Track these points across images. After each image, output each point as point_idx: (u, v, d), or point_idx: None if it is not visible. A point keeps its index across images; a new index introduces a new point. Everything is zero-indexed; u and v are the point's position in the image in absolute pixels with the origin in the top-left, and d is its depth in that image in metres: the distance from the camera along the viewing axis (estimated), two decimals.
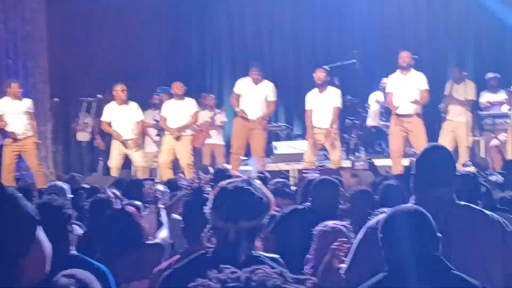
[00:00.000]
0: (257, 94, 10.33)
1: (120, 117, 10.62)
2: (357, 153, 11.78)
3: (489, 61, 13.19)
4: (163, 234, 4.45)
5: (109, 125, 10.66)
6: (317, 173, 6.46)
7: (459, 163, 9.24)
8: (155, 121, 11.85)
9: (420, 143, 9.51)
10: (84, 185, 7.04)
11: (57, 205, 3.43)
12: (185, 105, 10.69)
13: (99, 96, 11.70)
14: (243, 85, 10.51)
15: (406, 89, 9.84)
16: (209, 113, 11.95)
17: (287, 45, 14.80)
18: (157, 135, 11.90)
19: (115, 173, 10.39)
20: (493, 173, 6.35)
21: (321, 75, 10.39)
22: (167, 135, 10.68)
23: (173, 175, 10.12)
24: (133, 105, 10.75)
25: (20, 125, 10.23)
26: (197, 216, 2.90)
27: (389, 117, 11.52)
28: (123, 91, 10.60)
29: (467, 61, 12.93)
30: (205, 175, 3.28)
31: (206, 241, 2.45)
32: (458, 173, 3.17)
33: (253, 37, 14.99)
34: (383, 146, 11.51)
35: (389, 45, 13.79)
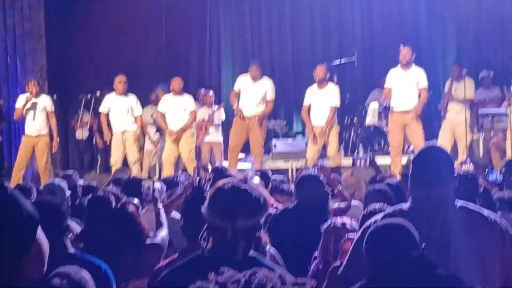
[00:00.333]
0: (255, 91, 10.28)
1: (117, 109, 10.58)
2: (356, 151, 11.79)
3: (487, 59, 13.21)
4: (163, 233, 4.46)
5: (107, 116, 10.62)
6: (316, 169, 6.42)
7: (457, 162, 9.24)
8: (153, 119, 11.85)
9: (417, 139, 9.50)
10: (81, 183, 7.02)
11: (55, 203, 3.43)
12: (183, 101, 10.63)
13: (98, 93, 11.68)
14: (242, 82, 10.46)
15: (405, 86, 9.78)
16: (207, 110, 11.93)
17: (286, 42, 14.78)
18: (156, 132, 11.89)
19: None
20: (492, 172, 6.34)
21: (320, 71, 10.27)
22: (170, 130, 10.61)
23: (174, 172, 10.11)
24: (132, 98, 10.66)
25: (35, 123, 10.37)
26: (196, 214, 2.90)
27: (387, 115, 11.53)
28: (120, 82, 10.53)
29: (467, 59, 12.92)
30: (205, 174, 3.27)
31: (203, 241, 2.44)
32: (455, 173, 3.16)
33: (252, 33, 14.98)
34: (382, 144, 11.51)
35: (389, 43, 13.81)
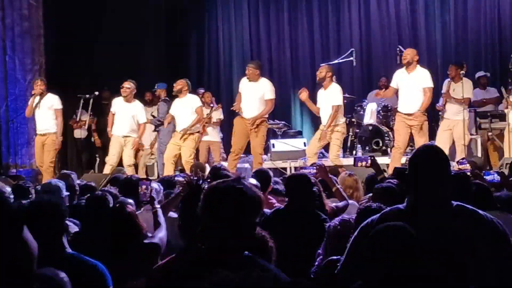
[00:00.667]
0: (253, 92, 10.26)
1: (121, 114, 10.72)
2: (354, 151, 11.79)
3: (485, 59, 13.24)
4: (161, 234, 4.45)
5: (113, 117, 10.80)
6: (314, 170, 6.40)
7: (455, 161, 9.25)
8: (152, 117, 11.86)
9: (420, 140, 9.50)
10: (78, 182, 7.01)
11: (54, 203, 3.42)
12: (189, 101, 10.72)
13: (96, 93, 11.69)
14: (243, 84, 10.47)
15: (409, 88, 9.78)
16: (205, 110, 11.93)
17: (285, 43, 14.79)
18: (154, 131, 11.92)
19: (109, 170, 10.43)
20: (490, 173, 6.34)
21: (320, 72, 10.32)
22: (176, 132, 10.72)
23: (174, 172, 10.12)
24: (137, 105, 10.83)
25: (42, 121, 10.61)
26: (193, 214, 2.89)
27: (386, 115, 11.54)
28: (122, 87, 10.68)
29: (464, 59, 12.93)
30: (203, 173, 3.27)
31: (198, 241, 2.43)
32: (452, 173, 3.16)
33: (251, 34, 14.98)
34: (380, 144, 11.51)
35: (387, 43, 13.83)
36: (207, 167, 9.53)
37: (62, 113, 10.71)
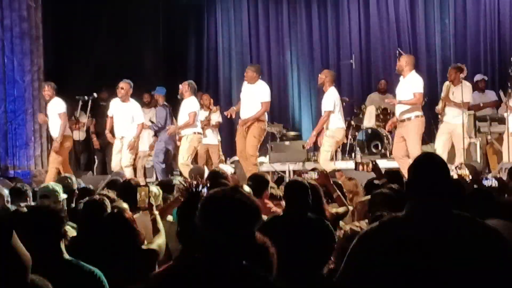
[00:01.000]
0: (250, 94, 10.27)
1: (118, 114, 10.70)
2: (353, 155, 11.77)
3: (484, 62, 13.24)
4: (160, 240, 4.43)
5: (111, 120, 10.81)
6: (315, 175, 6.40)
7: (453, 166, 9.23)
8: (151, 122, 11.80)
9: (410, 148, 9.49)
10: (77, 186, 6.98)
11: (53, 209, 3.40)
12: (184, 104, 10.72)
13: (95, 94, 11.66)
14: (243, 86, 10.51)
15: (401, 93, 9.84)
16: (204, 113, 11.91)
17: (284, 45, 14.77)
18: (154, 136, 11.88)
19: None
20: (488, 178, 6.31)
21: (319, 77, 10.40)
22: None
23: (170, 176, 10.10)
24: (133, 105, 10.76)
25: (51, 126, 10.83)
26: (192, 221, 2.87)
27: (385, 118, 11.53)
28: (117, 88, 10.65)
29: (464, 63, 12.92)
30: (202, 179, 3.25)
31: (196, 250, 2.41)
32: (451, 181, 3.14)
33: (250, 36, 14.97)
34: (379, 147, 11.49)
35: (386, 46, 13.82)
36: (206, 170, 9.51)
37: (64, 116, 10.65)
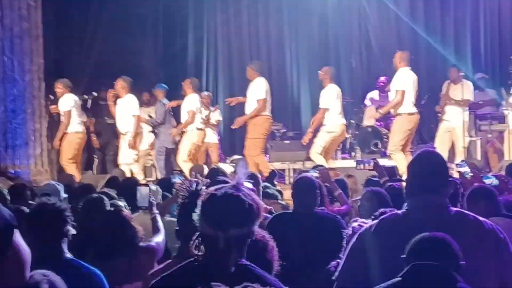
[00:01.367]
0: (249, 93, 10.36)
1: (118, 110, 10.81)
2: (353, 153, 11.78)
3: (485, 61, 13.24)
4: (159, 239, 4.43)
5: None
6: (316, 172, 6.44)
7: (454, 164, 9.23)
8: (149, 117, 11.81)
9: (389, 141, 9.79)
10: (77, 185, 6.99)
11: (57, 208, 3.38)
12: (185, 101, 10.74)
13: (95, 94, 11.66)
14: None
15: (392, 90, 9.94)
16: (204, 112, 11.89)
17: (284, 44, 14.76)
18: (152, 131, 11.88)
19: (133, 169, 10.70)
20: (489, 176, 6.30)
21: (319, 73, 10.47)
22: None
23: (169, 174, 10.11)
24: (127, 98, 10.79)
25: (64, 121, 10.88)
26: (191, 219, 2.86)
27: (385, 117, 11.52)
28: (117, 85, 10.76)
29: (464, 61, 12.93)
30: (202, 178, 3.23)
31: (194, 249, 2.40)
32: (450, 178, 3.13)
33: (250, 35, 14.95)
34: (379, 146, 11.49)
35: (386, 45, 13.80)
36: (206, 169, 9.51)
37: (67, 115, 10.78)
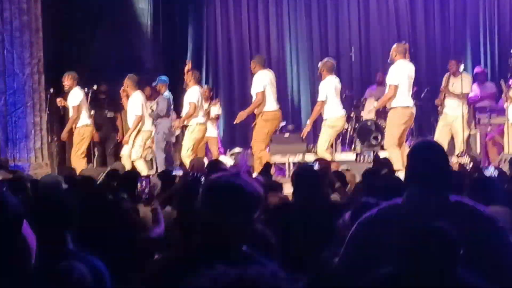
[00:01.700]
0: (252, 86, 10.38)
1: (127, 108, 11.06)
2: (353, 146, 11.78)
3: (484, 54, 13.25)
4: (159, 230, 4.45)
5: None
6: (316, 166, 6.45)
7: (454, 155, 9.27)
8: (151, 110, 11.82)
9: (385, 137, 9.75)
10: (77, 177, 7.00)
11: (58, 200, 3.39)
12: (187, 94, 10.79)
13: (95, 87, 11.66)
14: None
15: (387, 83, 9.89)
16: (204, 105, 11.88)
17: (284, 38, 14.76)
18: (152, 125, 11.90)
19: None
20: (488, 168, 6.33)
21: (319, 66, 10.49)
22: None
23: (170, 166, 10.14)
24: (134, 97, 10.96)
25: (73, 115, 10.98)
26: (191, 209, 2.88)
27: (385, 110, 11.52)
28: (124, 85, 10.98)
29: (464, 54, 12.95)
30: (201, 169, 3.25)
31: (196, 236, 2.41)
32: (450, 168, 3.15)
33: (249, 29, 14.95)
34: (379, 139, 11.49)
35: (386, 38, 13.81)
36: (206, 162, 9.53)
37: (76, 109, 10.92)
